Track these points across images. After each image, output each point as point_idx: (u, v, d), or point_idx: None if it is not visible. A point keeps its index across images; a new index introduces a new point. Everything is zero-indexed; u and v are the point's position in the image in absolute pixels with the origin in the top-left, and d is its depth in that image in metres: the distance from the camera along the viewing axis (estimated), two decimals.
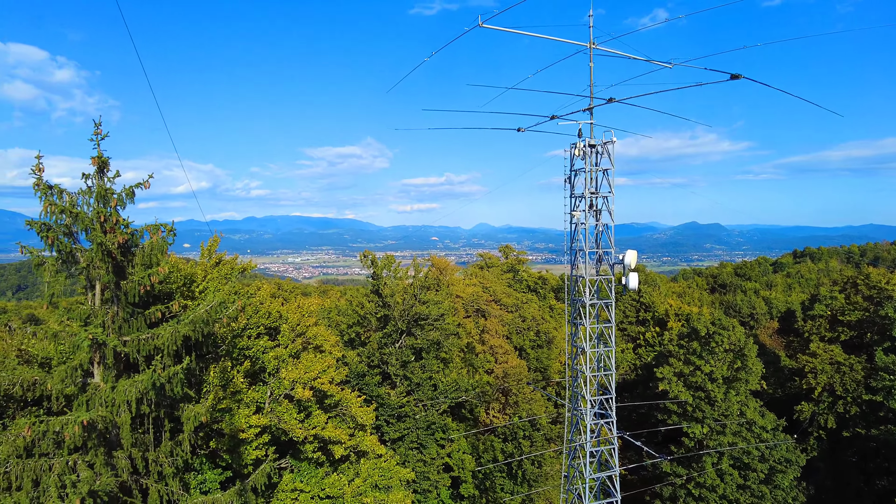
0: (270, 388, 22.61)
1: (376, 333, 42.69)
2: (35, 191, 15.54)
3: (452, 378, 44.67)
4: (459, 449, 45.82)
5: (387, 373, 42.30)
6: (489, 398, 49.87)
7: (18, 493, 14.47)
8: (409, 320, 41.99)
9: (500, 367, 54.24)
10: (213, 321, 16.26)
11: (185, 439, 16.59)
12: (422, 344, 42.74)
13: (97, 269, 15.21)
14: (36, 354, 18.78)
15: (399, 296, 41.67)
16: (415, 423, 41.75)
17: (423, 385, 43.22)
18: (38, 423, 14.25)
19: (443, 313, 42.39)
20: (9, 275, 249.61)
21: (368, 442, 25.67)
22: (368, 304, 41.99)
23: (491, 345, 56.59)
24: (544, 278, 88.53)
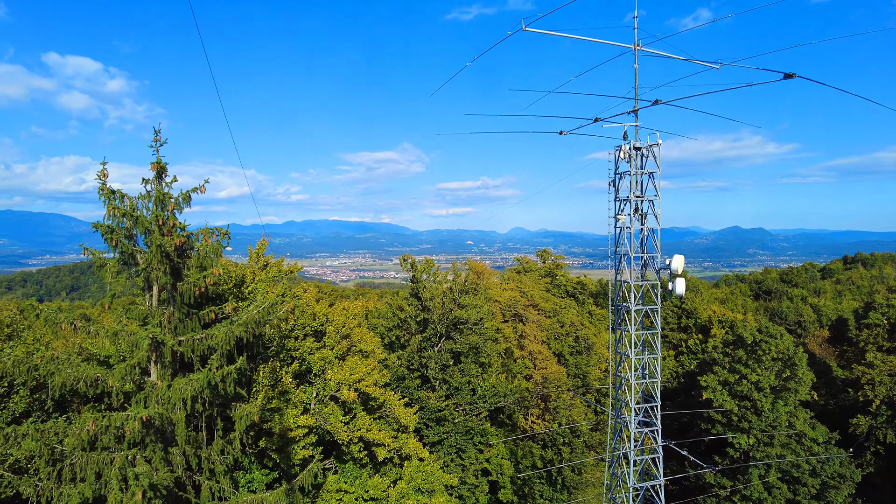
0: (316, 389, 22.93)
1: (416, 337, 42.85)
2: (99, 195, 16.19)
3: (491, 383, 44.47)
4: (498, 454, 45.52)
5: (426, 376, 42.40)
6: (528, 404, 49.44)
7: (83, 484, 15.05)
8: (448, 324, 42.03)
9: (539, 373, 53.72)
10: (265, 322, 16.61)
11: (236, 438, 16.97)
12: (461, 348, 42.70)
13: (156, 270, 15.73)
14: (95, 352, 19.50)
15: (438, 300, 41.75)
16: (454, 428, 41.71)
17: (461, 389, 43.15)
18: (101, 418, 14.81)
19: (482, 317, 42.27)
20: (63, 276, 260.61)
21: (412, 445, 25.75)
22: (408, 307, 42.21)
23: (530, 350, 56.14)
24: (583, 283, 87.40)
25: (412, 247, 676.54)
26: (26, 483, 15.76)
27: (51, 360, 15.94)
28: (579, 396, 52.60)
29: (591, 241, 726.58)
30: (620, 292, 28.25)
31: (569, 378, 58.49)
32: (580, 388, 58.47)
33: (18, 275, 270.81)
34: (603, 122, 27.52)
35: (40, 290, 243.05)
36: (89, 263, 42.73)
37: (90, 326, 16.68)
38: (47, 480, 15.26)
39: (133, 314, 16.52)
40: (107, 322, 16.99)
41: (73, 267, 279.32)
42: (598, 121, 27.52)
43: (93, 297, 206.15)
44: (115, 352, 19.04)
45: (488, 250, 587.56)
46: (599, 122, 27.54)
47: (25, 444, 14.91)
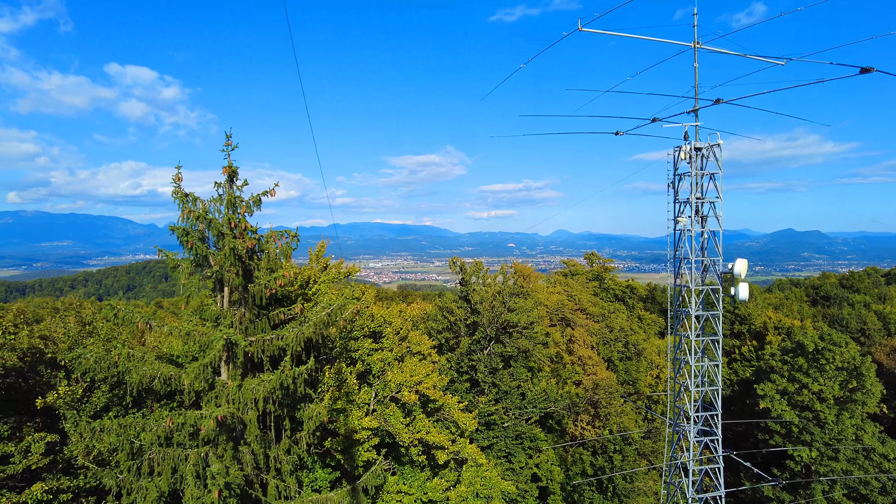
0: (375, 390, 23.14)
1: (465, 339, 42.81)
2: (174, 199, 16.75)
3: (542, 388, 44.00)
4: (548, 460, 44.98)
5: (475, 379, 42.29)
6: (578, 410, 48.66)
7: (160, 478, 15.59)
8: (497, 327, 41.81)
9: (588, 379, 52.85)
10: (331, 324, 16.85)
11: (303, 437, 17.27)
12: (510, 352, 42.41)
13: (228, 272, 16.16)
14: (165, 351, 20.22)
15: (488, 303, 41.59)
16: (504, 432, 41.45)
17: (511, 393, 42.86)
18: (178, 415, 15.30)
19: (532, 321, 41.90)
20: (120, 276, 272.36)
21: (470, 449, 25.69)
22: (458, 309, 42.20)
23: (579, 355, 55.28)
24: (632, 287, 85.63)
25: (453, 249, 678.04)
26: (109, 475, 16.44)
27: (128, 358, 16.59)
28: (631, 403, 51.49)
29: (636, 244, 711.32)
30: (679, 297, 27.54)
31: (619, 384, 57.35)
32: (632, 394, 57.21)
33: (81, 275, 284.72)
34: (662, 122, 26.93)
35: (100, 289, 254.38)
36: (144, 264, 44.61)
37: (164, 326, 17.27)
38: (128, 473, 15.87)
39: (206, 314, 17.02)
40: (181, 321, 17.54)
41: (128, 268, 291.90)
42: (655, 121, 26.92)
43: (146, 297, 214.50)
44: (184, 351, 19.68)
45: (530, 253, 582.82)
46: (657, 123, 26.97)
47: (107, 437, 15.54)
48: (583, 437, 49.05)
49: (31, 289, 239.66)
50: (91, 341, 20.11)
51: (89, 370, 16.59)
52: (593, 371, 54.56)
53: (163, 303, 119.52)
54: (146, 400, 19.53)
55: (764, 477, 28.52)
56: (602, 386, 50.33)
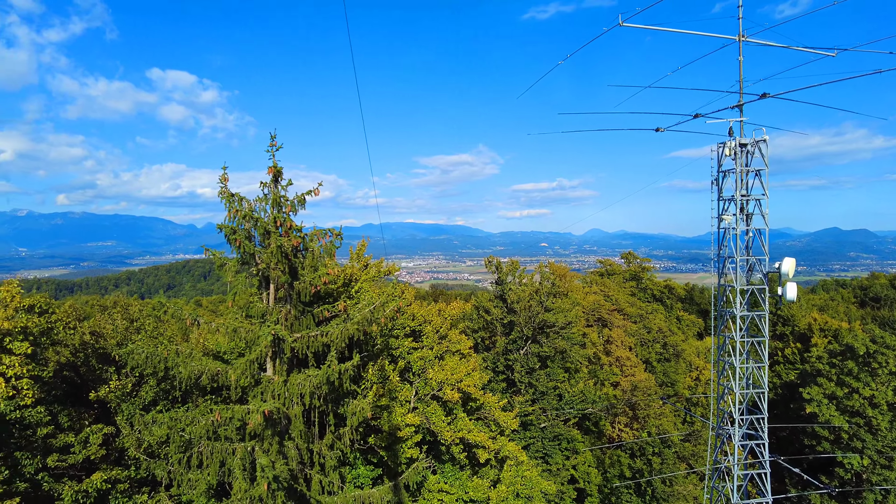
0: (416, 388, 23.22)
1: (501, 339, 42.62)
2: (220, 198, 17.11)
3: (579, 389, 43.49)
4: (585, 462, 44.40)
5: (511, 379, 42.07)
6: (616, 411, 47.94)
7: (208, 471, 15.96)
8: (534, 327, 41.49)
9: (626, 380, 52.03)
10: (373, 321, 16.96)
11: (346, 433, 17.43)
12: (547, 352, 42.04)
13: (274, 269, 16.43)
14: (212, 348, 20.70)
15: (524, 302, 41.32)
16: (541, 433, 41.12)
17: (548, 394, 42.48)
18: (226, 410, 15.63)
19: (570, 321, 41.44)
20: (161, 275, 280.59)
21: (510, 448, 25.56)
22: (494, 309, 42.03)
23: (617, 356, 54.47)
24: (671, 287, 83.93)
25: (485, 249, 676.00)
26: (160, 466, 16.91)
27: (176, 354, 17.02)
28: (670, 405, 50.45)
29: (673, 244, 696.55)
30: (723, 297, 26.85)
31: (657, 386, 56.29)
32: (671, 396, 56.08)
33: (124, 274, 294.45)
34: (704, 117, 26.28)
35: (142, 287, 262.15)
36: (184, 263, 45.82)
37: (212, 322, 17.66)
38: (178, 465, 16.30)
39: (253, 311, 17.35)
40: (226, 318, 17.92)
41: (169, 267, 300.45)
42: (697, 117, 26.28)
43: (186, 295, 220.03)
44: (230, 347, 20.09)
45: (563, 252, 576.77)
46: (699, 119, 26.33)
47: (158, 430, 16.00)
48: (621, 440, 48.30)
49: (79, 287, 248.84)
50: (139, 337, 20.74)
51: (139, 365, 17.08)
52: (631, 372, 53.69)
53: (202, 301, 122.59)
54: (193, 395, 20.04)
55: (813, 484, 27.52)
56: (640, 388, 49.49)
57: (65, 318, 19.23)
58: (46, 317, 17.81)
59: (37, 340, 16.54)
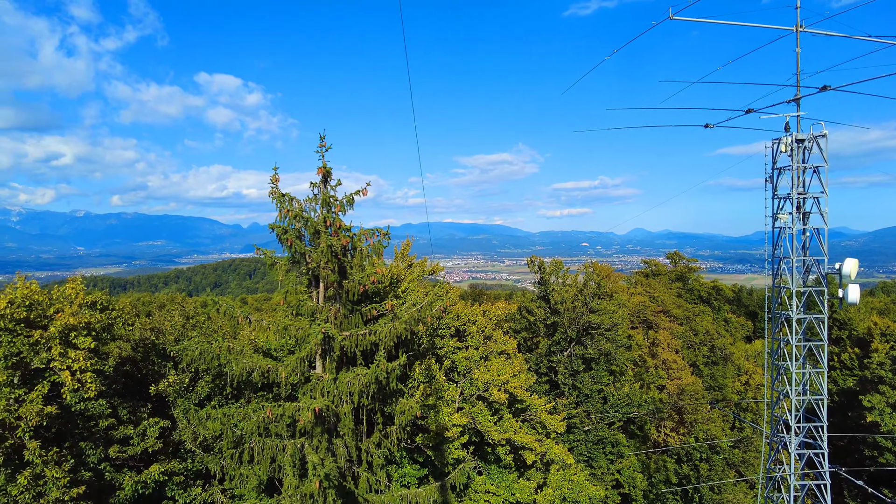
0: (461, 388, 23.17)
1: (544, 340, 42.15)
2: (272, 198, 17.42)
3: (625, 392, 42.61)
4: (630, 466, 43.48)
5: (555, 381, 41.55)
6: (663, 415, 46.76)
7: (259, 466, 16.27)
8: (579, 329, 40.86)
9: (673, 384, 50.77)
10: (420, 320, 16.97)
11: (394, 432, 17.51)
12: (592, 354, 41.32)
13: (324, 268, 16.62)
14: (261, 345, 21.12)
15: (569, 303, 40.73)
16: (585, 436, 40.51)
17: (592, 397, 41.80)
18: (277, 406, 15.90)
19: (616, 323, 40.63)
20: (208, 273, 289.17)
21: (557, 450, 25.23)
22: (537, 310, 41.57)
23: (663, 359, 53.21)
24: (718, 288, 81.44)
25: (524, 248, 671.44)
26: (213, 460, 17.35)
27: (228, 351, 17.40)
28: (719, 410, 48.94)
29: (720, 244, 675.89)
30: (778, 299, 25.82)
31: (704, 390, 54.67)
32: (720, 401, 54.38)
33: (173, 272, 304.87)
34: (757, 113, 25.30)
35: (189, 285, 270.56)
36: (230, 262, 46.95)
37: (262, 320, 18.01)
38: (230, 460, 16.68)
39: (303, 310, 17.61)
40: (276, 315, 18.26)
41: (215, 266, 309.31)
42: (750, 112, 25.33)
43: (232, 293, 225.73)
44: (280, 345, 20.44)
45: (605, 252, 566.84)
46: (752, 114, 25.38)
47: (212, 425, 16.38)
48: (667, 444, 47.10)
49: (131, 284, 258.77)
50: (194, 334, 21.34)
51: (194, 361, 17.54)
52: (678, 376, 52.37)
53: (247, 299, 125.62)
54: (244, 391, 20.50)
55: (877, 497, 26.19)
56: (687, 391, 48.17)
57: (124, 314, 19.97)
58: (107, 313, 18.52)
59: (98, 336, 17.21)
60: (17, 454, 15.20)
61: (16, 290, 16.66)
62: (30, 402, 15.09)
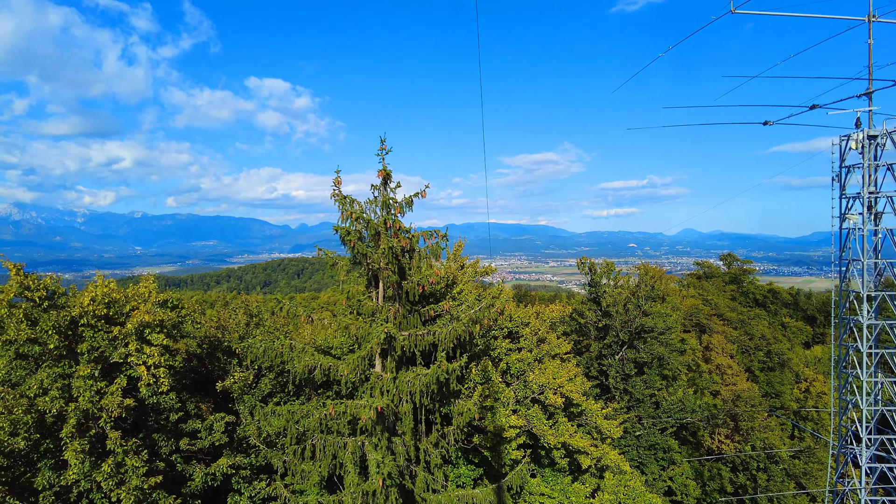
0: (515, 390, 23.15)
1: (595, 343, 41.56)
2: (333, 200, 17.80)
3: (678, 397, 41.60)
4: (683, 473, 42.40)
5: (605, 385, 40.93)
6: (718, 422, 45.41)
7: (321, 463, 16.67)
8: (631, 332, 40.12)
9: (728, 389, 49.28)
10: (478, 321, 17.04)
11: (451, 432, 17.64)
12: (644, 358, 40.51)
13: (385, 269, 16.89)
14: (321, 343, 21.59)
15: (621, 305, 40.04)
16: (636, 441, 39.75)
17: (644, 401, 40.99)
18: (339, 404, 16.26)
19: (669, 327, 39.70)
20: (258, 272, 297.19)
21: (613, 456, 24.89)
22: (588, 312, 41.03)
23: (717, 363, 51.68)
24: (775, 291, 78.57)
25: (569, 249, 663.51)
26: (276, 456, 17.87)
27: (290, 349, 17.90)
28: (776, 418, 47.17)
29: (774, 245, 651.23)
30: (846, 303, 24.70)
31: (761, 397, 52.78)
32: (778, 408, 52.40)
33: (224, 271, 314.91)
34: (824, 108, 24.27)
35: (240, 284, 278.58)
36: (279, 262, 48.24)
37: (324, 319, 18.44)
38: (292, 456, 17.14)
39: (363, 309, 17.94)
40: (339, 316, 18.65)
41: (265, 265, 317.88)
42: (814, 108, 24.32)
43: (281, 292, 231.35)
44: (340, 343, 20.87)
45: (653, 254, 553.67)
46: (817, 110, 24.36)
47: (276, 421, 16.90)
48: (721, 452, 45.74)
49: (185, 283, 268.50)
50: (258, 332, 22.06)
51: (257, 359, 18.13)
52: (732, 381, 50.82)
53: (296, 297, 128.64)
54: (304, 388, 21.03)
55: None
56: (743, 398, 46.66)
57: (193, 313, 20.81)
58: (177, 311, 19.33)
59: (170, 333, 18.00)
60: (100, 443, 16.06)
61: (96, 289, 17.61)
62: (110, 395, 15.92)
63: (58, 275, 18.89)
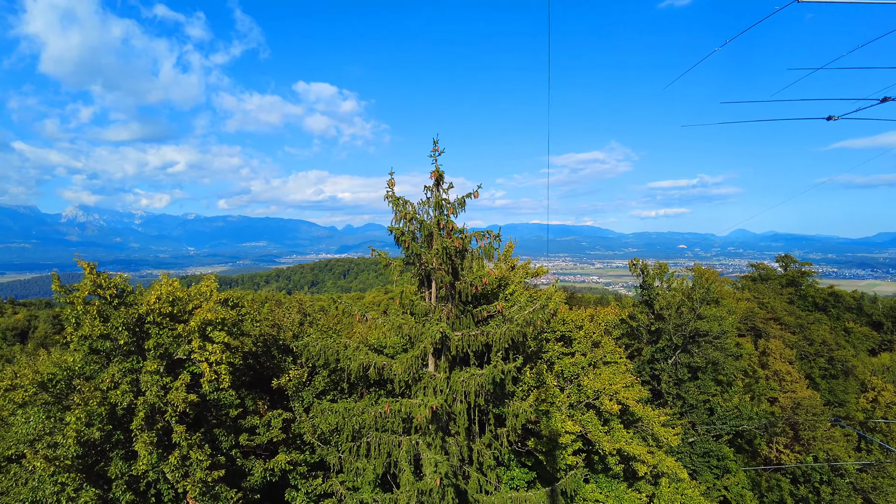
0: (568, 394, 22.83)
1: (647, 347, 40.57)
2: (388, 202, 18.00)
3: (733, 403, 40.14)
4: (738, 483, 40.86)
5: (657, 390, 39.89)
6: (775, 430, 43.59)
7: (376, 461, 16.86)
8: (685, 336, 38.97)
9: (786, 397, 47.31)
10: (531, 323, 16.89)
11: (504, 434, 17.54)
12: (698, 363, 39.28)
13: (439, 269, 16.96)
14: (373, 342, 21.85)
15: (674, 309, 38.95)
16: (689, 448, 38.56)
17: (698, 407, 39.74)
18: (395, 403, 16.41)
19: (725, 331, 38.35)
20: (305, 272, 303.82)
21: (670, 464, 24.24)
22: (640, 315, 40.08)
23: (774, 369, 49.68)
24: (837, 294, 74.99)
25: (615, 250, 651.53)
26: (332, 453, 18.19)
27: (344, 348, 18.18)
28: (841, 428, 44.91)
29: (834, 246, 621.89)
30: None
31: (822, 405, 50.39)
32: (843, 418, 49.88)
33: (273, 271, 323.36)
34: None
35: (289, 284, 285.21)
36: (326, 262, 49.04)
37: (378, 318, 18.65)
38: (347, 454, 17.40)
39: (416, 309, 18.05)
40: (392, 315, 18.82)
41: (313, 265, 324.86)
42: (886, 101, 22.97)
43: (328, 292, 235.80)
44: (393, 342, 21.06)
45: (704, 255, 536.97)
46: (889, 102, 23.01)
47: (332, 418, 17.18)
48: (779, 462, 43.89)
49: (237, 282, 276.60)
50: (312, 330, 22.52)
51: (312, 357, 18.49)
52: (791, 388, 48.77)
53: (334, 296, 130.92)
54: (357, 386, 21.31)
55: None
56: (803, 406, 44.63)
57: (252, 311, 21.41)
58: (237, 310, 19.94)
59: (230, 331, 18.55)
60: (166, 436, 16.72)
61: (161, 287, 18.33)
62: (175, 390, 16.54)
63: (126, 274, 19.75)
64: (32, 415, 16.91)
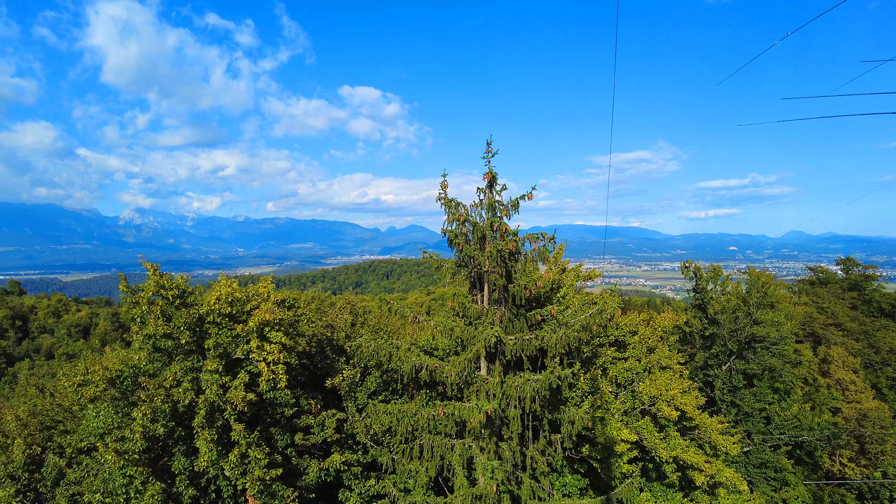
0: (623, 400, 22.34)
1: (700, 353, 39.35)
2: (440, 204, 17.99)
3: (792, 412, 38.46)
4: (798, 497, 39.11)
5: (711, 397, 38.64)
6: (839, 442, 41.54)
7: (429, 463, 16.89)
8: (740, 342, 37.61)
9: (850, 407, 45.00)
10: (588, 327, 16.58)
11: (558, 440, 17.28)
12: (754, 370, 37.84)
13: (492, 272, 16.86)
14: (423, 344, 21.90)
15: (729, 313, 37.64)
16: (744, 458, 37.18)
17: (753, 416, 38.29)
18: (448, 406, 16.39)
19: (783, 336, 36.83)
20: (350, 273, 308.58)
21: (729, 474, 23.42)
22: (693, 319, 38.90)
23: (837, 378, 47.37)
24: None
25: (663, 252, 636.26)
26: (384, 454, 18.33)
27: (396, 349, 18.28)
28: None
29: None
30: None
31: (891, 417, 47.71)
32: None
33: (319, 272, 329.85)
34: None
35: (334, 284, 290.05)
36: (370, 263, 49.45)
37: (430, 321, 18.67)
38: (400, 455, 17.50)
39: (469, 312, 17.99)
40: (440, 316, 18.82)
41: (357, 266, 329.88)
42: None
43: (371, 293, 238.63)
44: (445, 345, 21.05)
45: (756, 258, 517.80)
46: None
47: (385, 419, 17.32)
48: (844, 476, 41.78)
49: (284, 283, 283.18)
50: (364, 331, 22.77)
51: (365, 357, 18.68)
52: (856, 398, 46.36)
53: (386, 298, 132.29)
54: (408, 388, 21.41)
55: None
56: (870, 417, 42.36)
57: (308, 312, 21.81)
58: (294, 310, 20.35)
59: (287, 331, 18.94)
60: (225, 434, 17.18)
61: (221, 288, 18.87)
62: (234, 389, 16.99)
63: (186, 274, 20.42)
64: (102, 409, 17.67)
